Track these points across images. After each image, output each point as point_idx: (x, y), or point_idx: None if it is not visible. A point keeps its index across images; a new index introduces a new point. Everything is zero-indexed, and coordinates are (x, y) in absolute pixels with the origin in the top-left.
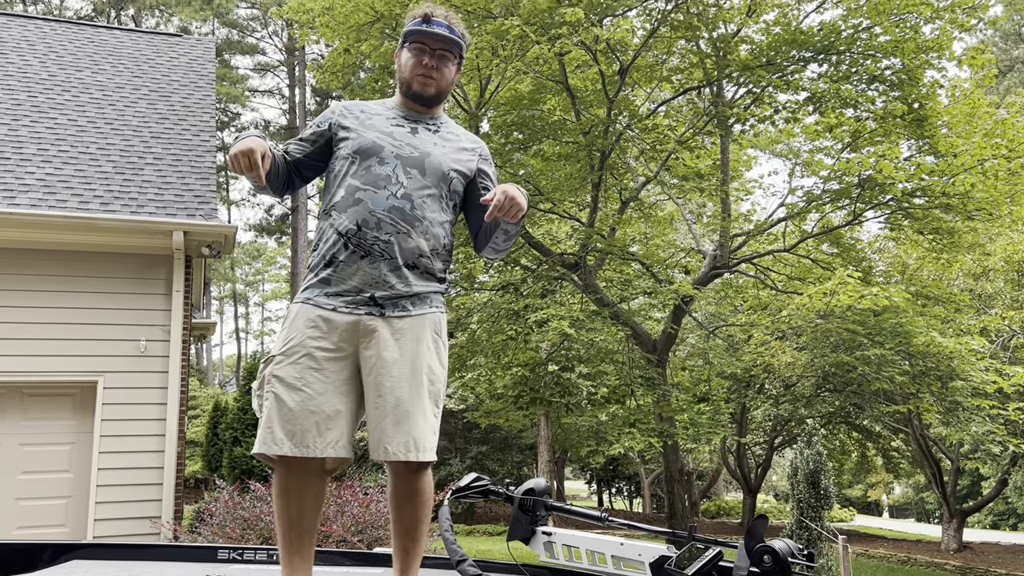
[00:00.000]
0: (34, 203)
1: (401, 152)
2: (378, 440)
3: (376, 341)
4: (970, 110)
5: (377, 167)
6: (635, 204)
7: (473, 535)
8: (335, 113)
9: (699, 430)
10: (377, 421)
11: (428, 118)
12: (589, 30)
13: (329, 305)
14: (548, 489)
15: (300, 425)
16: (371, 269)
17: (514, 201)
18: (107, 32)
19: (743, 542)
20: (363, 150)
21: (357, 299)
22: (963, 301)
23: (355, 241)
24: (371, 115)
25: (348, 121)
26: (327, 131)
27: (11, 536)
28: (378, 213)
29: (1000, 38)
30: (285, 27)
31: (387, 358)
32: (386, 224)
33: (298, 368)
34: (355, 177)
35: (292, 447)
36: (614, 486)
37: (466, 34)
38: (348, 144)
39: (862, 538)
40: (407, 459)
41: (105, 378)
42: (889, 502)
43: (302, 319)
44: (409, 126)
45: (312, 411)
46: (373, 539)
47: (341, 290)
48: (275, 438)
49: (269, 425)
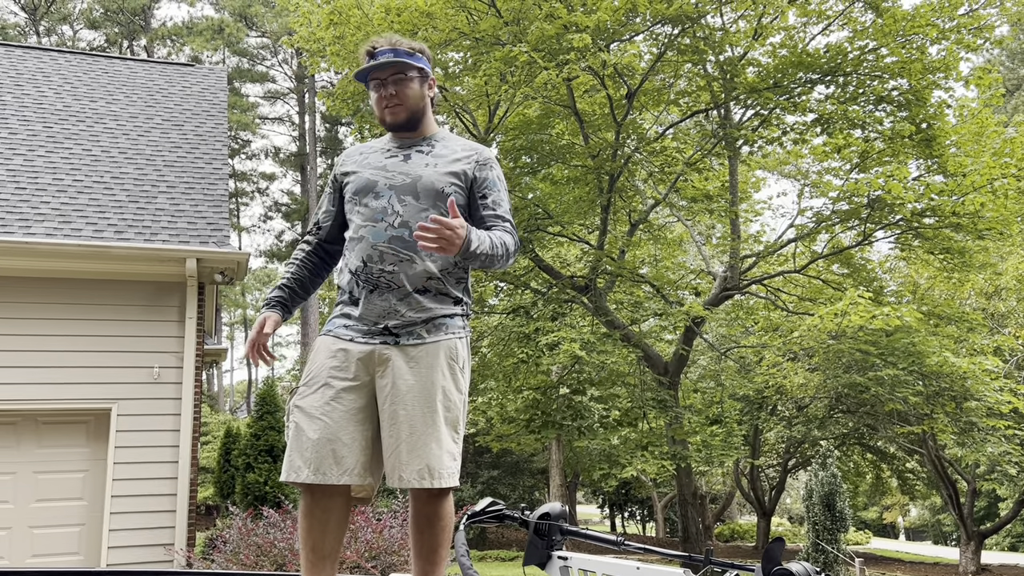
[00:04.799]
0: (50, 232)
1: (393, 182)
2: (393, 467)
3: (390, 370)
4: (978, 129)
5: (373, 202)
6: (644, 226)
7: (486, 560)
8: (338, 166)
9: (712, 452)
10: (392, 448)
11: (420, 140)
12: (596, 55)
13: (347, 336)
14: (564, 513)
15: (317, 453)
16: (381, 301)
17: (441, 235)
18: (120, 63)
19: (760, 565)
20: (360, 189)
21: (373, 330)
22: (976, 320)
23: (363, 277)
24: (368, 154)
25: (348, 167)
26: (339, 186)
27: (25, 565)
28: (380, 246)
29: (1007, 57)
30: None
31: (401, 387)
32: (388, 255)
33: (317, 398)
34: (357, 216)
35: (310, 475)
36: (627, 510)
37: (416, 46)
38: (349, 187)
39: (879, 561)
40: (421, 486)
41: (119, 405)
42: (905, 524)
43: (323, 351)
44: (402, 154)
45: (329, 439)
46: (387, 565)
47: (358, 323)
48: (294, 466)
49: (291, 454)
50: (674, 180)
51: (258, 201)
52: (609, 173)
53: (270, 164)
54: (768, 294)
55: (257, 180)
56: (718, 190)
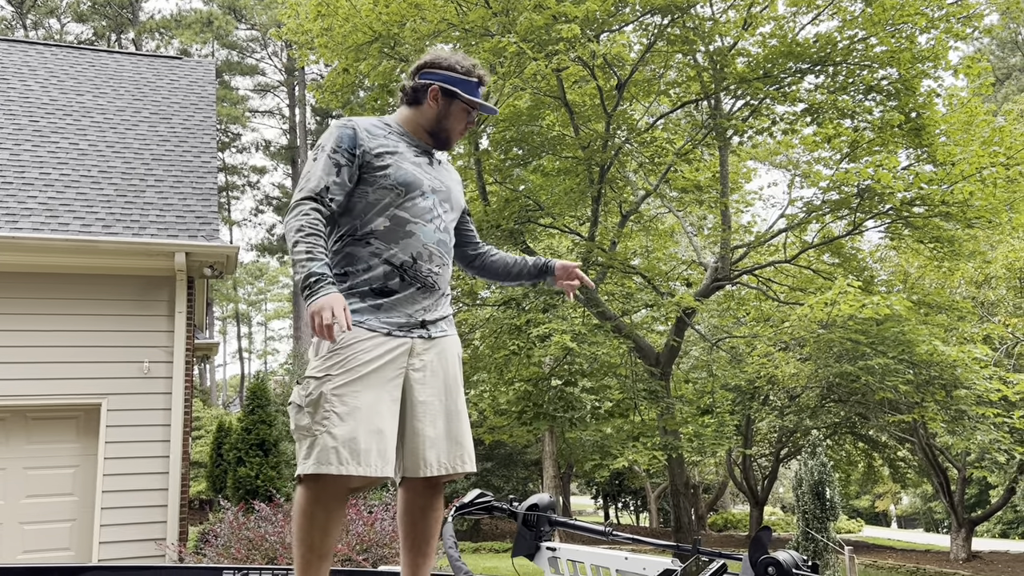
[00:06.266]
0: (36, 227)
1: (435, 186)
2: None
3: (427, 362)
4: (968, 118)
5: (421, 200)
6: (635, 217)
7: (479, 552)
8: (360, 138)
9: (704, 442)
10: (429, 436)
11: (432, 152)
12: (586, 46)
13: (384, 329)
14: (552, 504)
15: (365, 444)
16: (423, 298)
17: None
18: (108, 56)
19: (747, 554)
20: (407, 183)
21: (410, 323)
22: (965, 309)
23: (411, 273)
24: (395, 142)
25: (377, 147)
26: (361, 161)
27: (16, 560)
28: (430, 247)
29: (997, 46)
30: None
31: (438, 377)
32: (436, 256)
33: (359, 387)
34: (401, 209)
35: (357, 467)
36: (620, 501)
37: None
38: (388, 174)
39: (870, 549)
40: (464, 471)
41: (108, 400)
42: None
43: (358, 342)
44: (426, 158)
45: (373, 432)
46: (378, 557)
47: (395, 315)
48: (341, 457)
49: (334, 444)
50: (665, 171)
51: (249, 195)
52: (600, 164)
53: (260, 158)
54: (759, 284)
55: (248, 174)
56: (709, 181)
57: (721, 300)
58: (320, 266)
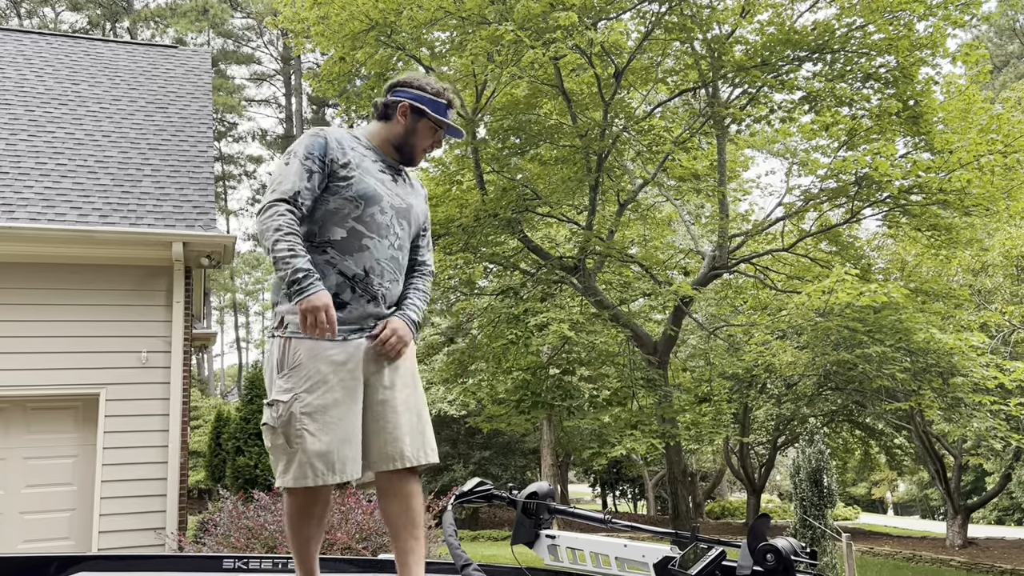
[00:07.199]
0: (33, 217)
1: (394, 203)
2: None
3: (381, 364)
4: (965, 106)
5: (379, 215)
6: (633, 206)
7: (478, 540)
8: (331, 148)
9: (701, 430)
10: (392, 433)
11: (399, 168)
12: (583, 34)
13: (339, 336)
14: (551, 492)
15: (339, 455)
16: (373, 309)
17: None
18: (103, 45)
19: (746, 541)
20: (367, 196)
21: (361, 329)
22: (963, 297)
23: (362, 286)
24: (361, 155)
25: (345, 157)
26: (330, 170)
27: (16, 550)
28: (383, 262)
29: (995, 33)
30: (280, 36)
31: (393, 377)
32: (388, 272)
33: (324, 402)
34: (359, 222)
35: (332, 476)
36: (618, 489)
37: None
38: (351, 186)
39: (867, 536)
40: (429, 462)
41: (107, 390)
42: (893, 499)
43: (316, 355)
44: (391, 174)
45: (344, 440)
46: (378, 546)
47: (347, 325)
48: (316, 471)
49: (308, 460)
50: (662, 159)
51: (245, 184)
52: (597, 153)
53: (257, 147)
54: (757, 273)
55: (244, 163)
56: (706, 169)
57: (719, 289)
58: (305, 262)
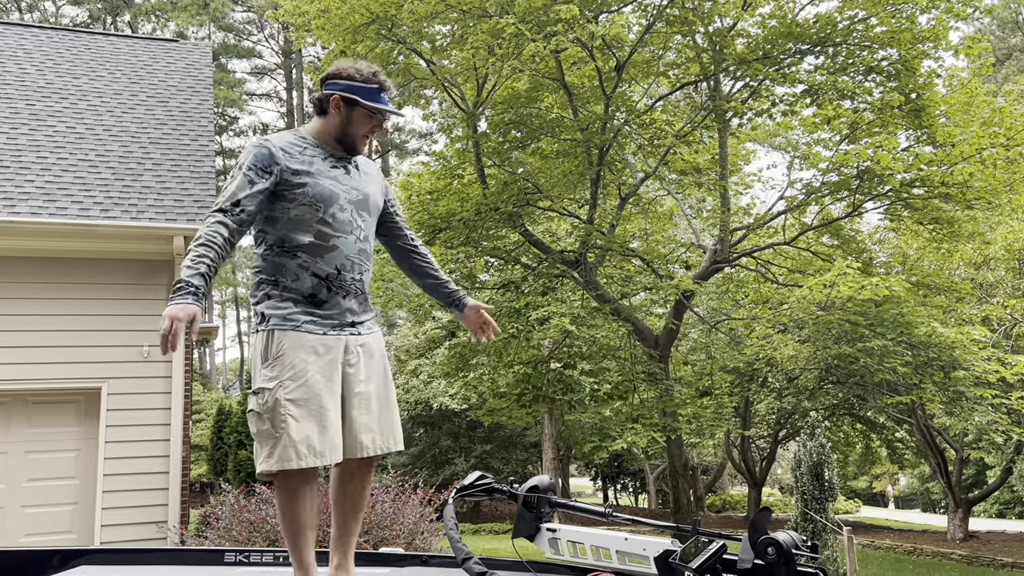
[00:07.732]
0: (34, 211)
1: (351, 197)
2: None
3: (358, 357)
4: (968, 99)
5: (339, 213)
6: (634, 200)
7: (479, 534)
8: (277, 157)
9: (702, 424)
10: (363, 421)
11: (348, 158)
12: (584, 27)
13: (319, 331)
14: (552, 486)
15: (320, 440)
16: (348, 303)
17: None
18: (103, 39)
19: (747, 535)
20: (324, 198)
21: (342, 323)
22: (964, 290)
23: (336, 283)
24: (310, 158)
25: (293, 164)
26: (278, 179)
27: (19, 543)
28: (352, 257)
29: (997, 26)
30: (281, 30)
31: (371, 370)
32: (358, 265)
33: (307, 389)
34: (322, 224)
35: (314, 459)
36: (619, 482)
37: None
38: (306, 191)
39: (868, 529)
40: (397, 448)
41: (109, 384)
42: (894, 493)
43: (299, 346)
44: (341, 166)
45: (325, 427)
46: (379, 539)
47: (326, 320)
48: (300, 454)
49: (292, 444)
50: (664, 153)
51: None
52: (598, 146)
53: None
54: (758, 266)
55: None
56: (708, 163)
57: (720, 282)
58: (193, 275)
